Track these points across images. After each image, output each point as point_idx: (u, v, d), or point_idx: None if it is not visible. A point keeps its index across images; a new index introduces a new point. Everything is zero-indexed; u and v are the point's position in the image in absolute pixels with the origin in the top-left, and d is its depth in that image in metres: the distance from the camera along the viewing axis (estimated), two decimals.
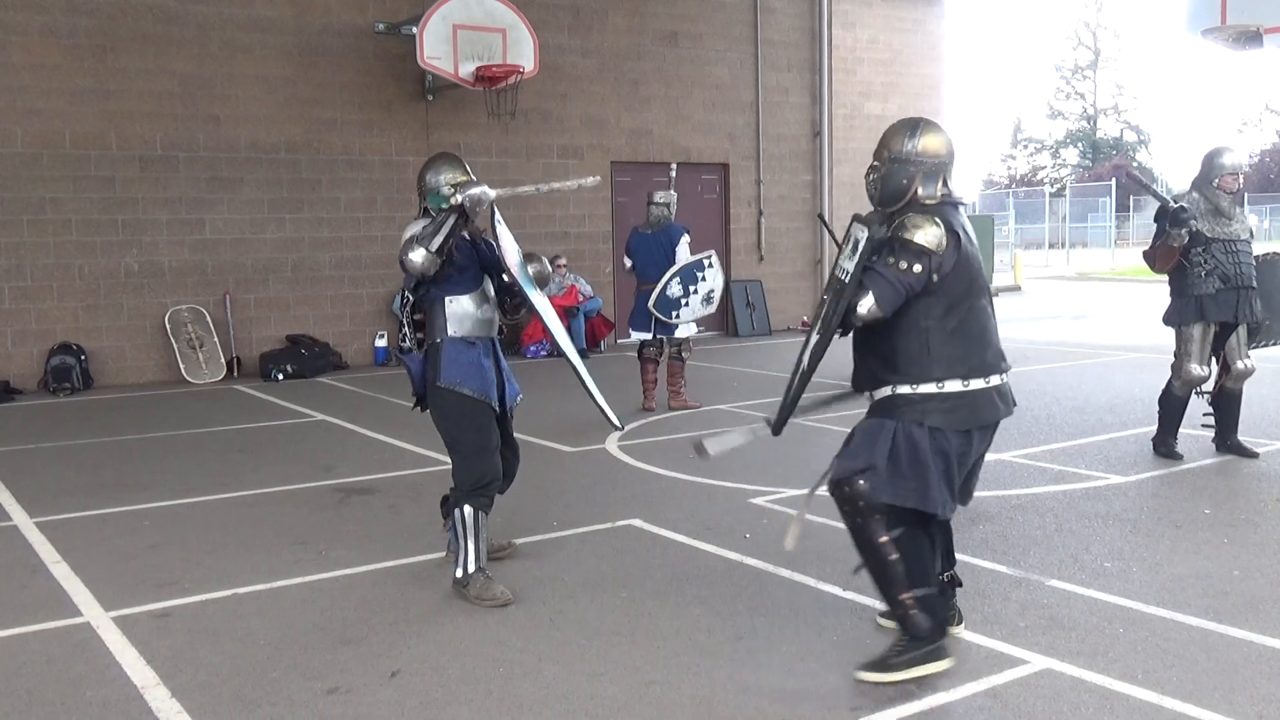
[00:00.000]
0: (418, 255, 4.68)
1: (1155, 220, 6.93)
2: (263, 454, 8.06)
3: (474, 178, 4.97)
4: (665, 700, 3.71)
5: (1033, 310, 19.26)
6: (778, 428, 4.18)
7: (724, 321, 16.07)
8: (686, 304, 9.18)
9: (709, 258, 9.34)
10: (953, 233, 3.72)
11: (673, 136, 15.56)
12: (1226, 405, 7.13)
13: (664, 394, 9.46)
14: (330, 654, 4.15)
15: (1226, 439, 7.15)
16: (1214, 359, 7.07)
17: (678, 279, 9.17)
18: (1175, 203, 6.77)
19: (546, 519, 6.00)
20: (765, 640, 4.19)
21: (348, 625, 4.45)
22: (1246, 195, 7.06)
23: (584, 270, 14.53)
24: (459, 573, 4.70)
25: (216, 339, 12.33)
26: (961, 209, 3.94)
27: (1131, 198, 43.20)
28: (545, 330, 5.23)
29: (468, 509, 4.71)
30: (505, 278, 5.02)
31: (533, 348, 13.78)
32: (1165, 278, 7.11)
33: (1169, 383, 7.14)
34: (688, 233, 9.60)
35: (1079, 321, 17.93)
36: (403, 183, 13.60)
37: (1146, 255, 7.05)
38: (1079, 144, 67.68)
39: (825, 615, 4.42)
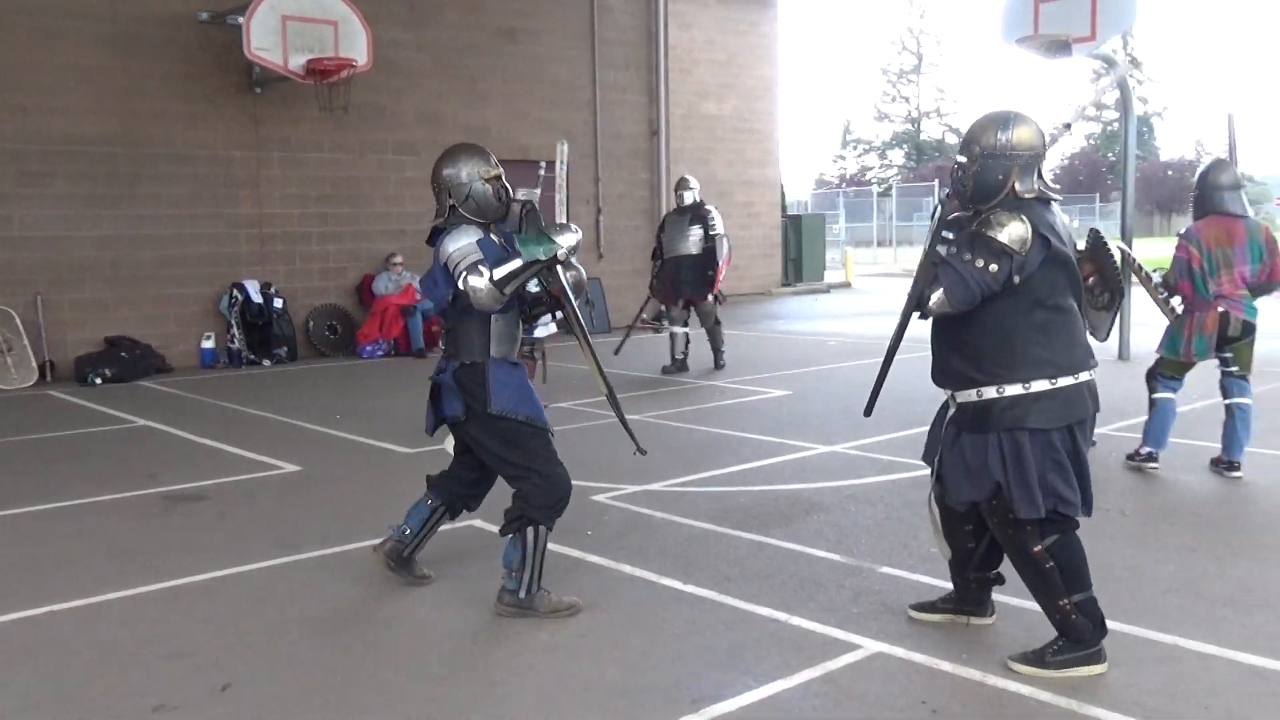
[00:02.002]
0: (482, 285, 4.18)
1: None
2: (81, 463, 7.67)
3: (500, 169, 4.54)
4: (509, 700, 3.69)
5: (863, 306, 19.89)
6: (868, 409, 4.17)
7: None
8: None
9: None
10: (1039, 235, 3.63)
11: (511, 133, 15.47)
12: None
13: None
14: (156, 669, 3.98)
15: None
16: None
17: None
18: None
19: (385, 522, 5.87)
20: (608, 636, 4.21)
21: (175, 639, 4.27)
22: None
23: (422, 269, 14.25)
24: (522, 593, 4.38)
25: (27, 342, 11.63)
26: (1055, 205, 3.83)
27: None
28: (583, 347, 4.64)
29: (543, 530, 4.40)
30: (534, 287, 4.60)
31: (369, 348, 13.50)
32: None
33: None
34: None
35: None
36: (230, 178, 13.14)
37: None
38: (904, 145, 70.32)
39: (667, 609, 4.47)
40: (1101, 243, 4.02)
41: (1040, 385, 3.69)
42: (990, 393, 3.74)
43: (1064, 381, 3.72)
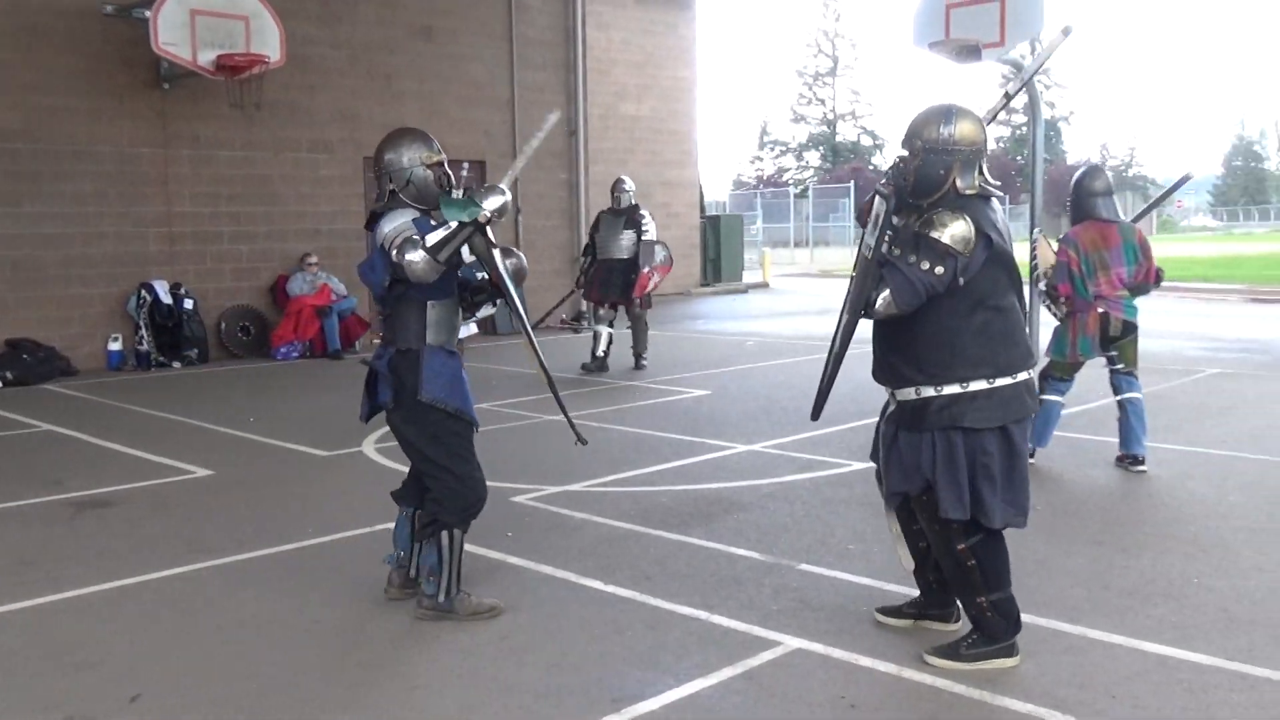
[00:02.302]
0: (418, 257, 4.08)
1: None
2: None
3: (444, 155, 4.50)
4: (429, 704, 3.66)
5: (780, 306, 20.10)
6: (815, 413, 4.10)
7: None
8: None
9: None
10: (982, 233, 3.62)
11: (428, 132, 15.30)
12: None
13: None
14: (63, 681, 3.86)
15: None
16: None
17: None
18: None
19: (301, 526, 5.78)
20: (528, 638, 4.19)
21: (82, 649, 4.15)
22: None
23: (337, 269, 14.10)
24: (441, 597, 4.33)
25: None
26: (997, 201, 3.82)
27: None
28: (524, 335, 4.54)
29: (457, 533, 4.34)
30: (481, 275, 4.55)
31: (283, 349, 13.27)
32: None
33: None
34: None
35: (823, 316, 18.83)
36: (138, 175, 12.81)
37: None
38: (820, 147, 71.17)
39: (587, 610, 4.47)
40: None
41: (978, 385, 3.70)
42: (929, 391, 3.76)
43: (1002, 382, 3.73)
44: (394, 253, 4.17)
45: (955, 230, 3.58)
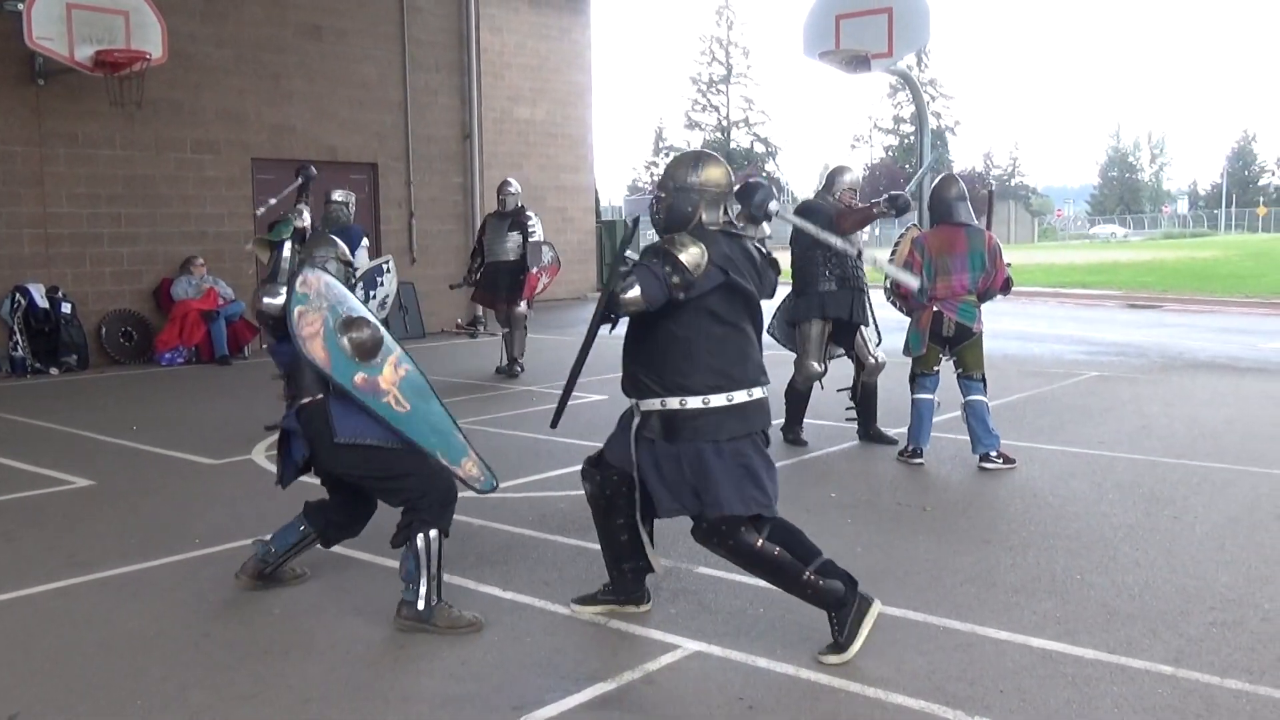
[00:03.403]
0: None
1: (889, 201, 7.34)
2: None
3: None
4: (324, 716, 3.59)
5: None
6: (555, 420, 4.28)
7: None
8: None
9: (387, 262, 9.08)
10: (713, 264, 3.92)
11: (317, 134, 15.05)
12: (865, 399, 7.81)
13: None
14: None
15: (868, 429, 7.83)
16: (852, 358, 7.74)
17: (360, 285, 8.88)
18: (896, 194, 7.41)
19: (188, 536, 5.62)
20: (426, 647, 4.14)
21: None
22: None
23: (224, 273, 13.75)
24: (420, 605, 4.22)
25: None
26: (747, 240, 4.14)
27: None
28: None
29: (434, 533, 4.25)
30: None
31: (168, 355, 12.89)
32: (789, 279, 7.71)
33: (793, 378, 7.76)
34: (367, 236, 9.31)
35: None
36: (10, 174, 12.31)
37: (839, 216, 7.39)
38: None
39: (486, 617, 4.42)
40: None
41: (718, 400, 3.96)
42: (673, 403, 3.98)
43: (739, 397, 3.99)
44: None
45: (690, 253, 3.89)
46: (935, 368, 7.08)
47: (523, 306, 11.20)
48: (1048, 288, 24.48)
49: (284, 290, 4.37)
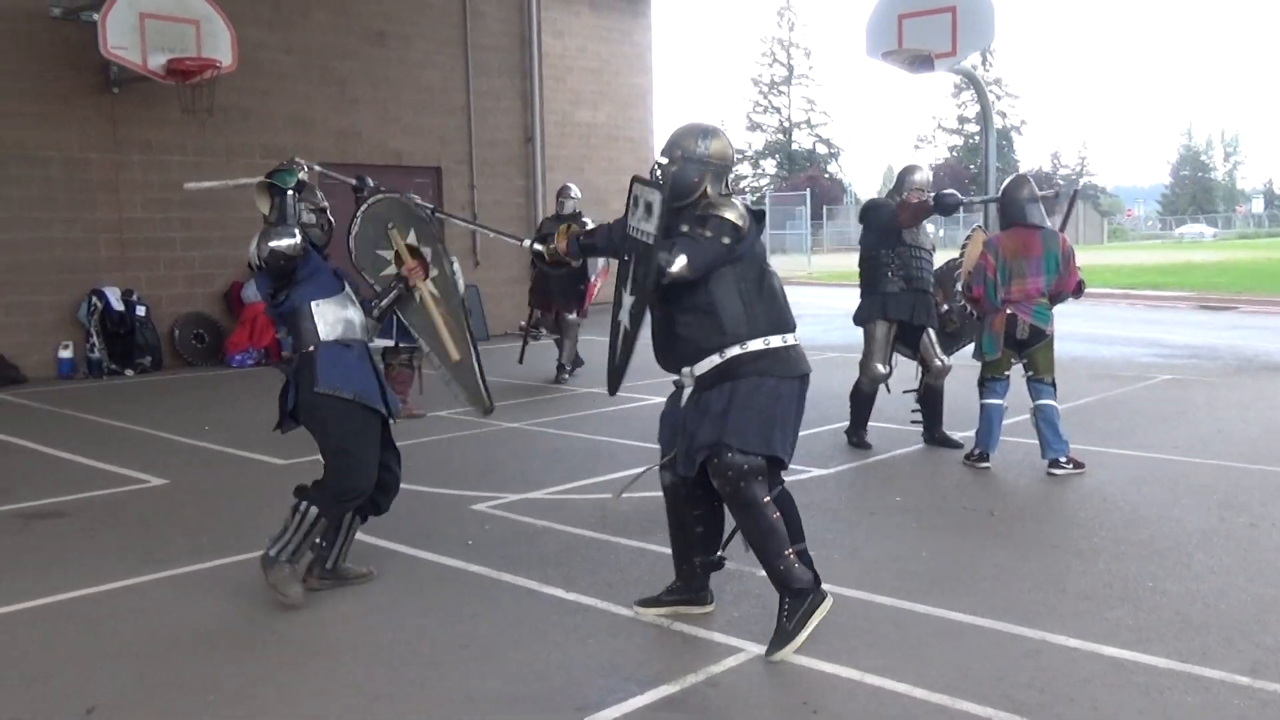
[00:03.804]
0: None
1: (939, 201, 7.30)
2: None
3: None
4: (390, 715, 3.62)
5: None
6: (612, 389, 4.48)
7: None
8: None
9: (453, 264, 9.13)
10: (751, 214, 4.13)
11: (383, 138, 15.24)
12: (930, 401, 7.73)
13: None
14: (14, 693, 3.79)
15: (933, 432, 7.75)
16: (917, 360, 7.67)
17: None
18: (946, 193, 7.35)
19: (259, 536, 5.70)
20: (490, 647, 4.17)
21: (33, 661, 4.08)
22: None
23: None
24: (272, 551, 4.51)
25: None
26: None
27: (825, 206, 46.51)
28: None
29: (314, 510, 4.51)
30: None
31: (238, 357, 13.13)
32: (857, 280, 7.66)
33: (858, 380, 7.69)
34: None
35: None
36: (87, 181, 12.63)
37: (899, 207, 7.41)
38: (776, 155, 71.51)
39: (548, 619, 4.45)
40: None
41: (776, 341, 4.10)
42: (734, 351, 4.07)
43: (789, 339, 4.15)
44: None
45: (736, 211, 4.07)
46: (1006, 372, 6.96)
47: (574, 315, 11.23)
48: (1118, 289, 24.03)
49: (296, 231, 4.52)
